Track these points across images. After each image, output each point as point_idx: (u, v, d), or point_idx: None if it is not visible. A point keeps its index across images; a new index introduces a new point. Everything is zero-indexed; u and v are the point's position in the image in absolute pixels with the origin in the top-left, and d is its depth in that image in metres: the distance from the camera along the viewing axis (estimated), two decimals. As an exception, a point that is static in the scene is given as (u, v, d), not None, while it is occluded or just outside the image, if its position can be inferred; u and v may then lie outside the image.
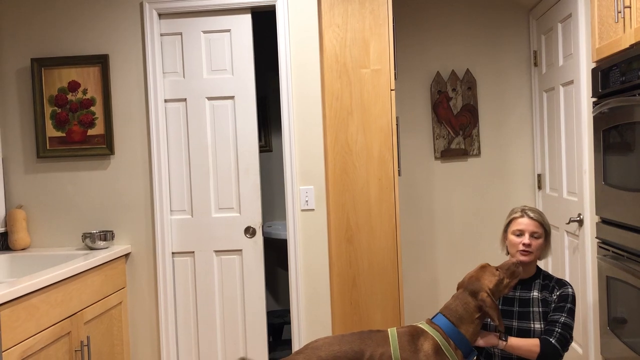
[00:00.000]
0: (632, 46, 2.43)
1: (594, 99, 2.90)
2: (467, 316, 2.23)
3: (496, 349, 2.36)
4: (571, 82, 3.27)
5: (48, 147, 3.27)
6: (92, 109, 3.27)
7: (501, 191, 4.06)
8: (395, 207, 3.21)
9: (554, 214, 3.54)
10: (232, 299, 3.29)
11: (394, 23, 3.23)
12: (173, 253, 3.30)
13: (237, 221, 3.28)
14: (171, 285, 3.28)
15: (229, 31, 3.25)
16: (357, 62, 3.19)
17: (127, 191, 3.27)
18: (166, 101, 3.28)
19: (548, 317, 2.33)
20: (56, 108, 3.27)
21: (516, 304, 2.39)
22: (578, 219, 3.16)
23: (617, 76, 2.54)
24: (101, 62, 3.24)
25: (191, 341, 3.31)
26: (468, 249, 4.07)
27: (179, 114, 3.29)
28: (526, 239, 2.37)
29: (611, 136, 2.68)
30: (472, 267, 2.54)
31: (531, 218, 2.39)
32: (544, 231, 2.40)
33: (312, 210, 3.20)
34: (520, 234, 2.39)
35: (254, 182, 3.27)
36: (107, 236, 3.20)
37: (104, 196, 3.28)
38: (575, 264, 3.30)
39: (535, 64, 3.96)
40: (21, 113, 3.30)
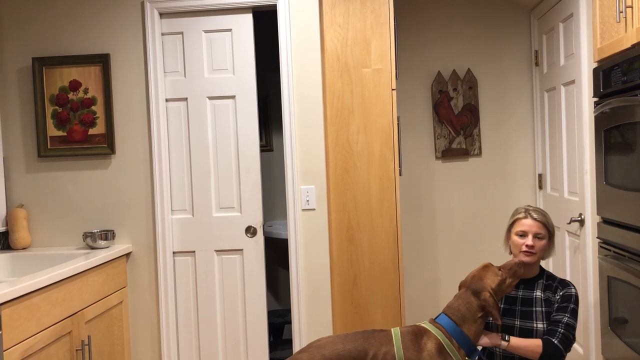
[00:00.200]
0: (633, 46, 2.43)
1: (595, 99, 2.90)
2: (470, 315, 2.23)
3: (498, 349, 2.36)
4: (572, 82, 3.27)
5: (49, 147, 3.27)
6: (93, 108, 3.27)
7: (502, 191, 4.05)
8: (396, 207, 3.21)
9: (555, 213, 3.54)
10: (233, 299, 3.29)
11: (395, 22, 3.23)
12: (174, 252, 3.30)
13: (238, 221, 3.28)
14: (172, 284, 3.28)
15: (230, 31, 3.25)
16: (358, 62, 3.19)
17: (128, 190, 3.27)
18: (167, 100, 3.28)
19: (551, 317, 2.33)
20: (57, 107, 3.27)
21: (519, 303, 2.39)
22: (579, 218, 3.16)
23: (618, 76, 2.54)
24: (102, 61, 3.24)
25: (192, 341, 3.31)
26: (469, 249, 4.07)
27: (180, 113, 3.29)
28: (529, 241, 2.36)
29: (612, 136, 2.67)
30: (473, 266, 2.54)
31: (535, 219, 2.38)
32: (547, 232, 2.39)
33: (313, 209, 3.20)
34: (523, 234, 2.38)
35: (254, 181, 3.27)
36: (107, 235, 3.20)
37: (104, 195, 3.28)
38: (576, 264, 3.30)
39: (537, 64, 3.96)
40: (22, 112, 3.30)
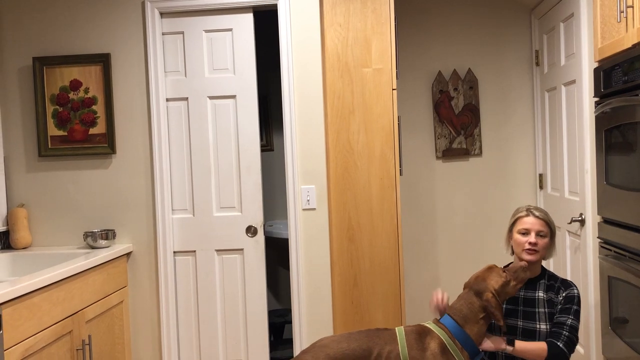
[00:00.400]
0: (634, 46, 2.42)
1: (596, 99, 2.89)
2: (472, 316, 2.22)
3: (501, 352, 2.35)
4: (573, 82, 3.27)
5: (50, 146, 3.27)
6: (94, 107, 3.27)
7: (503, 191, 4.05)
8: (396, 207, 3.21)
9: (555, 213, 3.54)
10: (234, 298, 3.29)
11: (395, 22, 3.23)
12: (174, 252, 3.30)
13: (239, 220, 3.28)
14: (172, 284, 3.28)
15: (230, 30, 3.25)
16: (358, 61, 3.19)
17: (129, 190, 3.27)
18: (168, 100, 3.28)
19: (554, 318, 2.32)
20: (58, 107, 3.27)
21: (521, 303, 2.39)
22: (580, 218, 3.16)
23: (619, 76, 2.54)
24: (103, 61, 3.24)
25: (192, 340, 3.31)
26: (469, 248, 4.07)
27: (180, 113, 3.29)
28: (532, 238, 2.35)
29: (613, 136, 2.67)
30: (473, 266, 2.54)
31: (537, 217, 2.38)
32: (549, 230, 2.39)
33: (314, 209, 3.19)
34: (526, 232, 2.38)
35: (255, 181, 3.27)
36: (108, 235, 3.20)
37: (105, 195, 3.28)
38: (576, 263, 3.30)
39: (537, 64, 3.95)
40: (23, 112, 3.30)
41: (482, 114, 4.05)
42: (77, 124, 3.27)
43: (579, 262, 3.24)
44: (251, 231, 3.28)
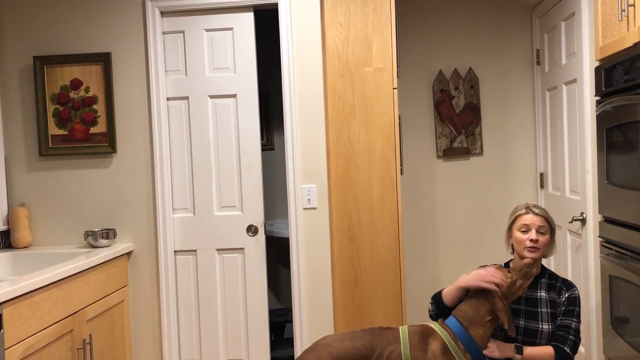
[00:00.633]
0: (635, 45, 2.42)
1: (597, 98, 2.89)
2: (478, 319, 2.20)
3: None
4: (574, 81, 3.26)
5: (50, 145, 3.27)
6: (95, 107, 3.27)
7: (503, 190, 4.05)
8: (397, 206, 3.21)
9: (556, 213, 3.53)
10: (234, 298, 3.29)
11: (396, 21, 3.22)
12: (175, 251, 3.30)
13: (240, 219, 3.28)
14: (173, 283, 3.28)
15: (231, 29, 3.25)
16: (359, 61, 3.19)
17: (130, 189, 3.27)
18: (168, 99, 3.28)
19: (558, 320, 2.32)
20: (58, 106, 3.27)
21: (523, 302, 2.38)
22: (581, 218, 3.15)
23: (620, 75, 2.54)
24: (103, 60, 3.24)
25: (193, 339, 3.31)
26: (470, 248, 4.06)
27: (181, 112, 3.29)
28: (533, 235, 2.34)
29: (614, 135, 2.67)
30: (474, 265, 2.54)
31: (536, 214, 2.38)
32: (549, 227, 2.38)
33: (315, 208, 3.19)
34: (526, 230, 2.36)
35: (256, 180, 3.27)
36: (109, 234, 3.20)
37: (106, 194, 3.28)
38: (578, 263, 3.30)
39: (538, 63, 3.95)
40: (23, 111, 3.30)
41: (483, 113, 4.05)
42: (78, 123, 3.27)
43: (580, 262, 3.24)
44: (252, 230, 3.28)
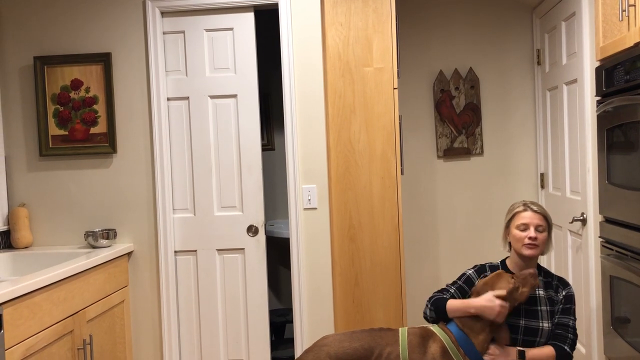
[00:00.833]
0: (636, 44, 2.42)
1: (598, 98, 2.89)
2: (479, 326, 2.20)
3: None
4: (575, 81, 3.26)
5: (51, 146, 3.27)
6: (95, 107, 3.27)
7: (504, 190, 4.05)
8: (397, 206, 3.20)
9: (557, 213, 3.53)
10: (235, 298, 3.29)
11: (396, 21, 3.22)
12: (175, 252, 3.30)
13: (240, 220, 3.28)
14: (173, 283, 3.28)
15: (231, 29, 3.25)
16: (360, 61, 3.19)
17: (130, 189, 3.27)
18: (169, 99, 3.28)
19: (556, 318, 2.32)
20: (59, 106, 3.27)
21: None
22: (581, 218, 3.15)
23: (621, 75, 2.54)
24: (104, 60, 3.24)
25: (193, 340, 3.31)
26: (471, 248, 4.06)
27: (181, 112, 3.28)
28: (532, 232, 2.32)
29: (615, 135, 2.67)
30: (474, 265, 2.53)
31: (535, 211, 2.36)
32: (547, 224, 2.37)
33: (315, 208, 3.19)
34: (525, 228, 2.35)
35: (256, 180, 3.27)
36: (109, 234, 3.20)
37: (106, 194, 3.28)
38: (578, 263, 3.29)
39: (539, 63, 3.95)
40: (24, 111, 3.30)
41: (483, 113, 4.05)
42: (78, 123, 3.27)
43: (581, 262, 3.23)
44: (252, 231, 3.27)
